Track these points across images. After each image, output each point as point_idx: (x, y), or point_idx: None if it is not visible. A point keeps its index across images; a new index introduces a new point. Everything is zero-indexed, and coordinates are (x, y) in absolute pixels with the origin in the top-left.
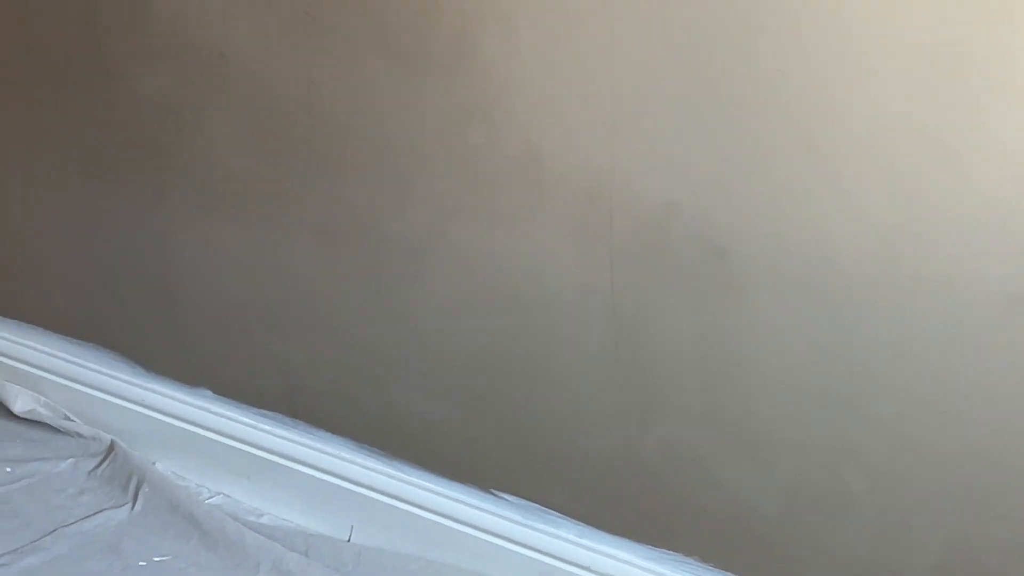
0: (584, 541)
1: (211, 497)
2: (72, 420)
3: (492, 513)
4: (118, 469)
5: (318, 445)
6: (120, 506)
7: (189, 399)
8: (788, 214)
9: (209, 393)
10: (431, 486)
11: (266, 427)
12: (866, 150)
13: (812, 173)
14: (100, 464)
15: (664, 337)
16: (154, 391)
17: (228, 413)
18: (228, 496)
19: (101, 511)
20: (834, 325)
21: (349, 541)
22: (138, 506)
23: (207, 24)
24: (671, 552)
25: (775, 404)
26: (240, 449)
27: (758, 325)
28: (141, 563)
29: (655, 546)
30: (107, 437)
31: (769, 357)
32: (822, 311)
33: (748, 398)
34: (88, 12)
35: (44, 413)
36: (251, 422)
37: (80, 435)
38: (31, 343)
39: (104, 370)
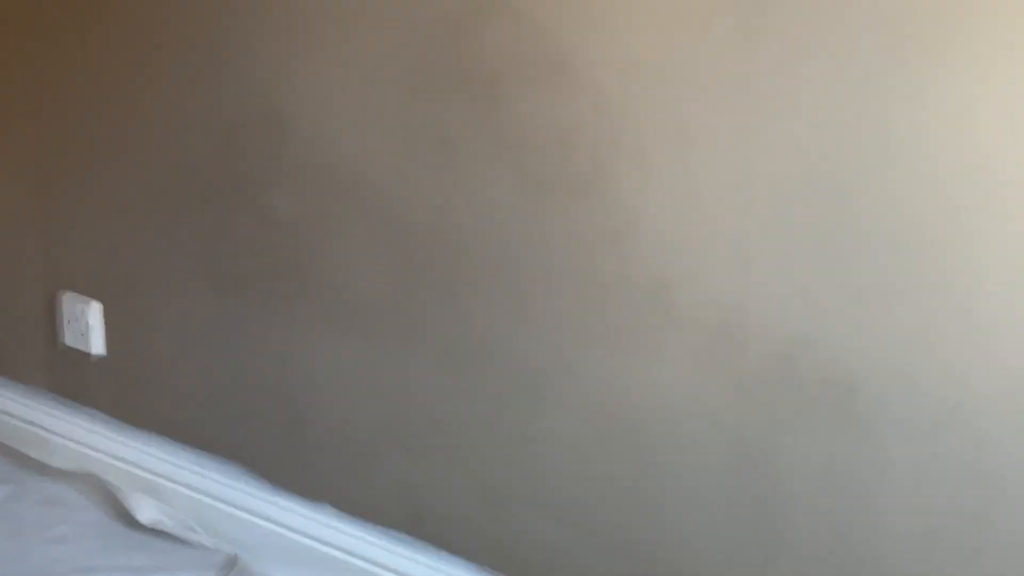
0: None
1: None
2: (196, 531)
3: None
4: None
5: (439, 565)
6: None
7: (311, 514)
8: (921, 353)
9: (331, 509)
10: None
11: (387, 545)
12: (1002, 291)
13: (946, 312)
14: None
15: (790, 473)
16: (277, 505)
17: (350, 530)
18: None
19: None
20: (966, 467)
21: None
22: None
23: (344, 146)
24: None
25: (902, 545)
26: (360, 566)
27: (887, 465)
28: None
29: None
30: (229, 550)
31: (898, 497)
32: (954, 453)
33: (874, 538)
34: (229, 132)
35: (169, 523)
36: (372, 540)
37: (203, 547)
38: (158, 453)
39: (229, 482)
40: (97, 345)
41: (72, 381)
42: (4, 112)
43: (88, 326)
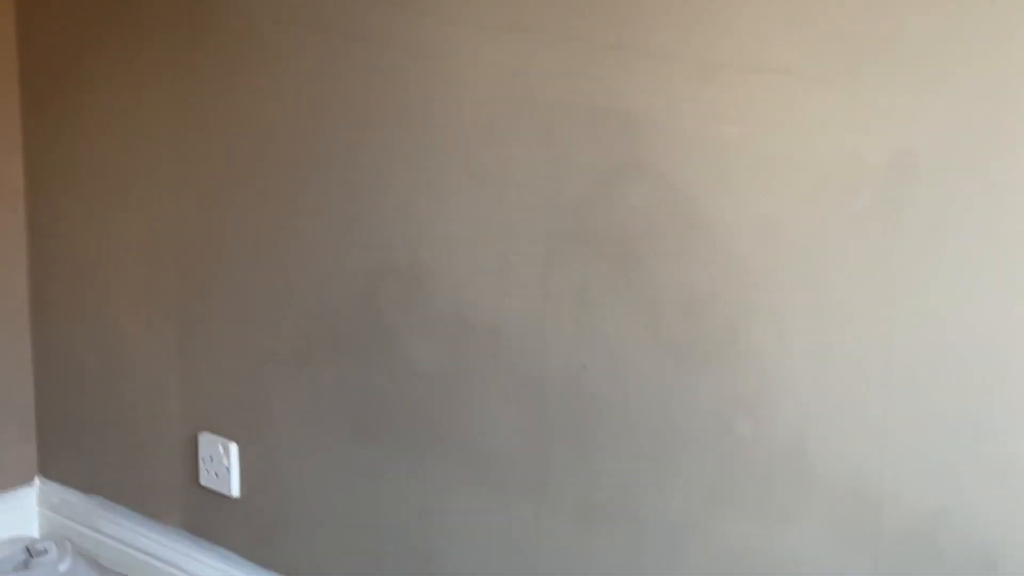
0: None
1: None
2: None
3: None
4: None
5: None
6: None
7: None
8: None
9: None
10: None
11: None
12: None
13: None
14: None
15: None
16: None
17: None
18: None
19: None
20: None
21: None
22: None
23: (482, 301)
24: None
25: None
26: None
27: None
28: None
29: None
30: None
31: None
32: None
33: None
34: (369, 281)
35: None
36: None
37: None
38: None
39: None
40: (233, 486)
41: (207, 521)
42: (148, 254)
43: (224, 467)
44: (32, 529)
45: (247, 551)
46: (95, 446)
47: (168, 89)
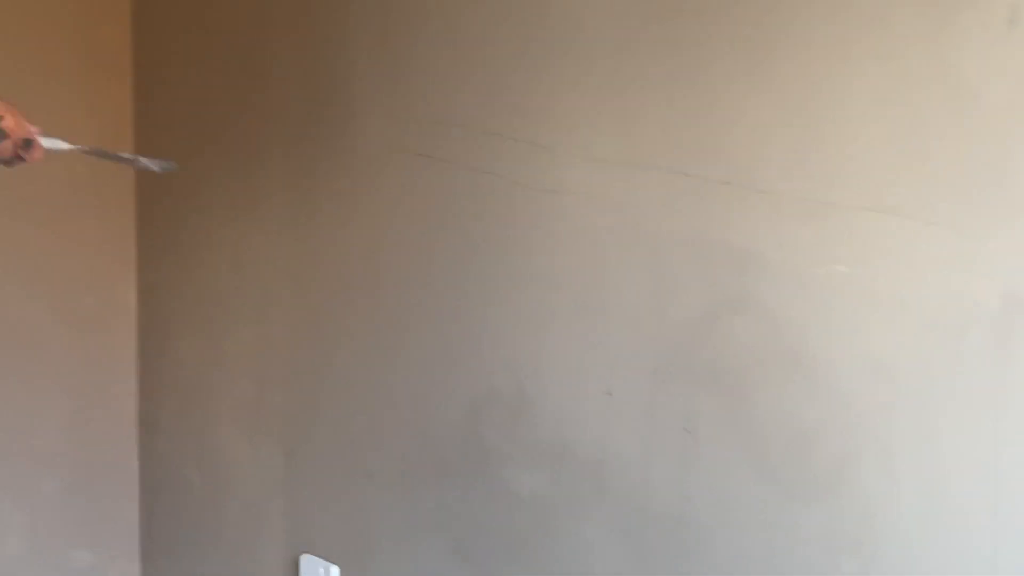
0: None
1: None
2: None
3: None
4: None
5: None
6: None
7: None
8: None
9: None
10: None
11: None
12: None
13: None
14: None
15: None
16: None
17: None
18: None
19: None
20: None
21: None
22: None
23: (585, 430)
24: None
25: None
26: None
27: None
28: None
29: None
30: None
31: None
32: None
33: None
34: (473, 406)
35: None
36: None
37: None
38: None
39: None
40: None
41: None
42: (256, 375)
43: None
44: None
45: None
46: (197, 564)
47: (282, 214)
